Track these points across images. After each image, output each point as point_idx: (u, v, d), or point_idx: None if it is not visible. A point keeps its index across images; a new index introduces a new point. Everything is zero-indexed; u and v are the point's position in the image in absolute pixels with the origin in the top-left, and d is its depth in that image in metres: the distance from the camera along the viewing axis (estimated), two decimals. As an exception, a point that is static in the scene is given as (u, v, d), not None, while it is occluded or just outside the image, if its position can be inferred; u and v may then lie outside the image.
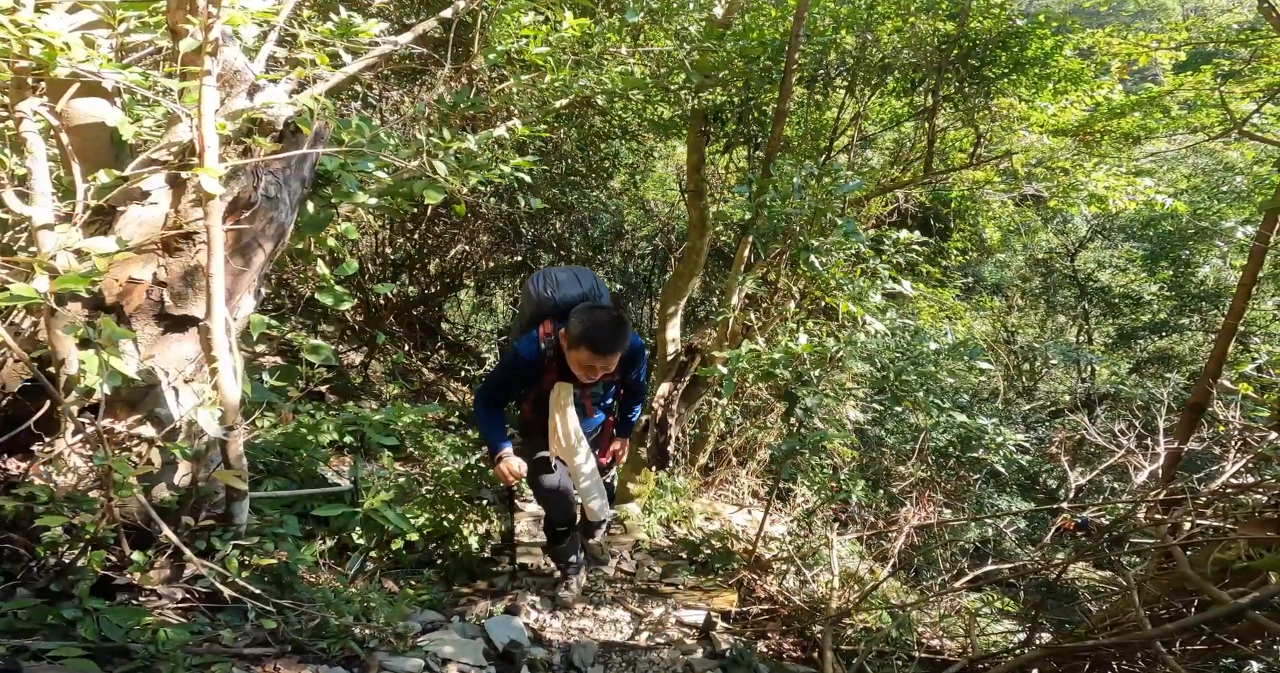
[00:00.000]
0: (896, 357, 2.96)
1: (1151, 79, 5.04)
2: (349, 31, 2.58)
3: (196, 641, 1.82)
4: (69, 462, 1.95)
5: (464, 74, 4.37)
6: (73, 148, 1.68)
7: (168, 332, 1.88)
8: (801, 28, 3.81)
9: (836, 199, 3.35)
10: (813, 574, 3.52)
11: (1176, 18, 5.57)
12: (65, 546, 1.80)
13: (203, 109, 1.47)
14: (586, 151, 6.66)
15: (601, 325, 2.38)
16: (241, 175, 1.80)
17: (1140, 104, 4.11)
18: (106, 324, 1.61)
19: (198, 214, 1.72)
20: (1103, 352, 7.58)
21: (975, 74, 4.18)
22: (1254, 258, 2.58)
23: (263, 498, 2.82)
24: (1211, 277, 6.54)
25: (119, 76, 1.50)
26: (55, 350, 1.70)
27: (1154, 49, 3.95)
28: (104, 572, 1.79)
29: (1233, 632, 2.12)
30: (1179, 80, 4.08)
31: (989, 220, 6.65)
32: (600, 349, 2.36)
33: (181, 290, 1.82)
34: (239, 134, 1.75)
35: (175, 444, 1.94)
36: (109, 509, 1.75)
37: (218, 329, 1.78)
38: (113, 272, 1.73)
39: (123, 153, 1.82)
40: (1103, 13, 4.62)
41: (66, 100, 1.67)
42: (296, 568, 2.34)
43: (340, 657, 2.01)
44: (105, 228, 1.72)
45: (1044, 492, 7.03)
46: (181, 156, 1.73)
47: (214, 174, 1.52)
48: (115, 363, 1.64)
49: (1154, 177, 5.11)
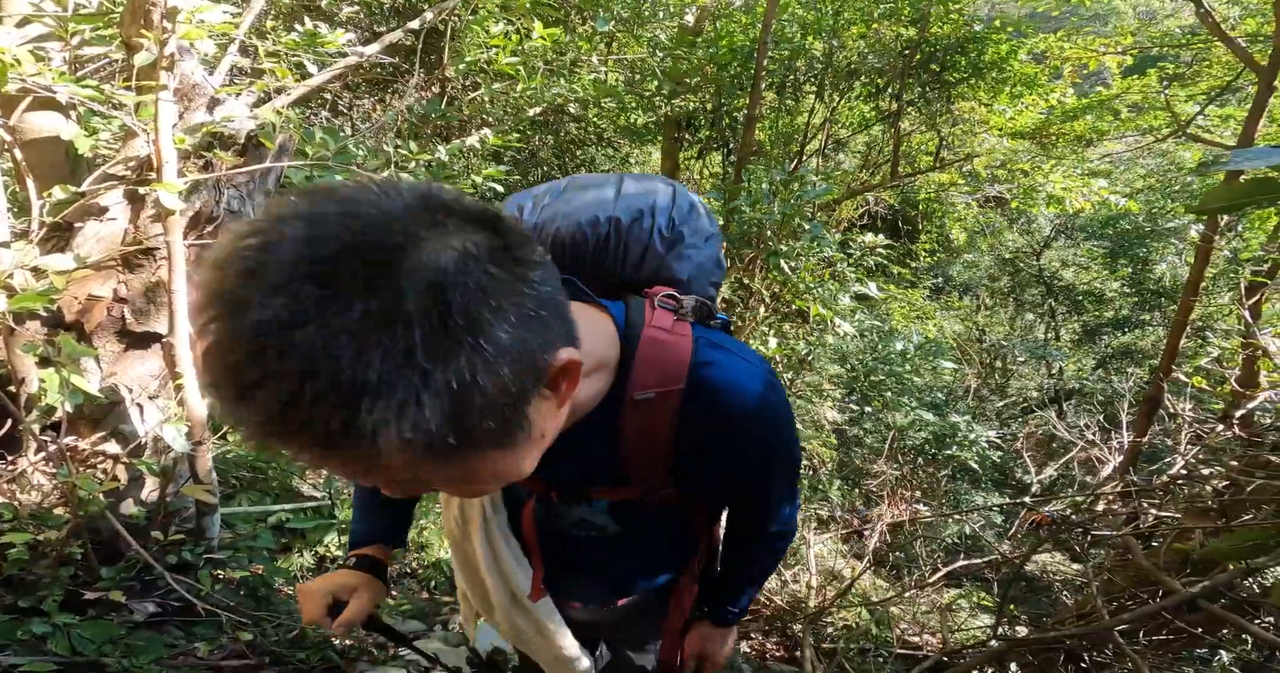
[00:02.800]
0: (866, 358, 3.02)
1: (1103, 83, 5.21)
2: (315, 42, 2.58)
3: (171, 654, 1.80)
4: (32, 480, 1.92)
5: (435, 83, 4.36)
6: (27, 163, 1.66)
7: (130, 348, 1.86)
8: (770, 35, 3.87)
9: (805, 204, 3.41)
10: (792, 574, 3.56)
11: (1130, 21, 5.77)
12: (31, 562, 1.78)
13: (159, 124, 1.46)
14: (563, 159, 6.68)
15: None
16: (203, 190, 1.79)
17: (1091, 107, 4.26)
18: (66, 342, 1.60)
19: (158, 230, 1.71)
20: (1069, 348, 7.79)
21: (936, 78, 4.30)
22: (1200, 257, 2.69)
23: (236, 513, 2.79)
24: (1168, 273, 6.77)
25: (73, 90, 1.49)
26: (14, 369, 1.68)
27: (1102, 53, 4.10)
28: (73, 587, 1.77)
29: (1195, 622, 2.18)
30: (1127, 83, 4.24)
31: (955, 222, 6.81)
32: None
33: (143, 307, 1.81)
34: (199, 148, 1.74)
35: (141, 461, 1.92)
36: (76, 525, 1.73)
37: (182, 345, 1.77)
38: (72, 289, 1.71)
39: (79, 168, 1.80)
40: (1057, 17, 4.79)
41: (19, 115, 1.65)
42: (273, 581, 2.32)
43: (320, 668, 1.99)
44: (63, 245, 1.69)
45: (1017, 487, 7.18)
46: (139, 171, 1.72)
47: (173, 189, 1.51)
48: (76, 380, 1.62)
49: (1109, 177, 5.29)
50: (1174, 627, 2.11)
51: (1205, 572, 2.08)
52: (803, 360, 2.88)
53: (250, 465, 3.29)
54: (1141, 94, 4.15)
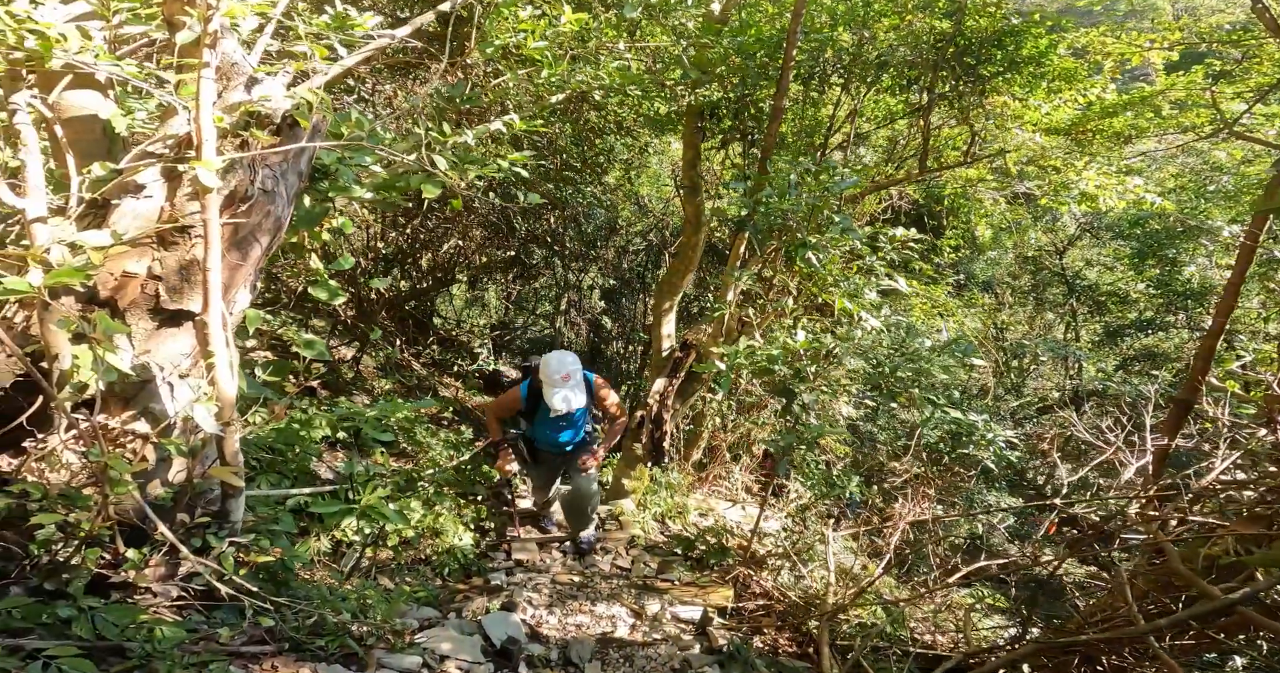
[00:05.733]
0: (891, 353, 2.98)
1: (1143, 78, 5.08)
2: (345, 24, 2.55)
3: (193, 639, 1.80)
4: (62, 458, 1.92)
5: (459, 68, 4.33)
6: (66, 140, 1.65)
7: (163, 326, 1.85)
8: (799, 25, 3.81)
9: (833, 196, 3.36)
10: (808, 570, 3.55)
11: (1168, 17, 5.63)
12: (59, 543, 1.78)
13: (201, 102, 1.44)
14: (581, 147, 6.64)
15: None
16: (239, 169, 1.78)
17: (1132, 103, 4.16)
18: (101, 319, 1.59)
19: (194, 207, 1.70)
20: (1089, 349, 7.69)
21: (970, 72, 4.21)
22: (1242, 257, 2.62)
23: (256, 495, 2.80)
24: (1197, 275, 6.63)
25: (114, 69, 1.47)
26: (48, 345, 1.68)
27: (1147, 49, 4.00)
28: (98, 570, 1.77)
29: (1219, 627, 2.16)
30: (1171, 80, 4.13)
31: (981, 218, 6.71)
32: None
33: (177, 285, 1.80)
34: (236, 127, 1.72)
35: (170, 440, 1.91)
36: (105, 507, 1.72)
37: (214, 324, 1.76)
38: (107, 265, 1.70)
39: (115, 146, 1.79)
40: (1095, 12, 4.66)
41: (59, 92, 1.64)
42: (293, 565, 2.32)
43: (338, 654, 2.00)
44: (99, 221, 1.69)
45: (1031, 487, 7.12)
46: (177, 149, 1.71)
47: (211, 167, 1.50)
48: (110, 358, 1.62)
49: (1142, 175, 5.18)
50: (1197, 631, 2.09)
51: (1228, 577, 2.06)
52: (828, 355, 2.84)
53: (270, 447, 3.30)
54: (1186, 91, 4.04)
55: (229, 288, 1.94)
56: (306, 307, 5.79)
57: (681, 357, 4.40)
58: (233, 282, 1.95)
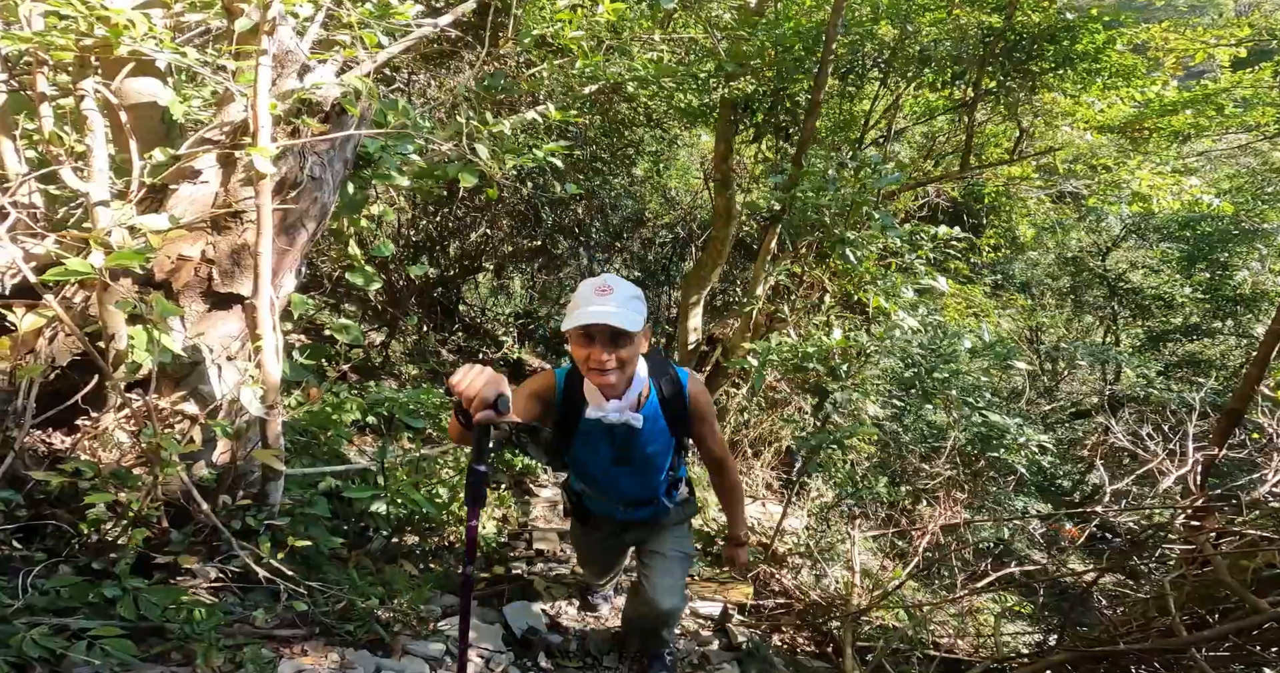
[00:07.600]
0: (928, 353, 2.93)
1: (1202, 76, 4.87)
2: (387, 13, 2.57)
3: (229, 621, 1.82)
4: (114, 437, 1.97)
5: (494, 58, 4.34)
6: (129, 126, 1.69)
7: (213, 309, 1.90)
8: (840, 17, 3.73)
9: (870, 192, 3.31)
10: (830, 570, 3.52)
11: (1229, 13, 5.39)
12: (108, 523, 1.81)
13: (258, 88, 1.47)
14: (611, 138, 6.62)
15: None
16: (289, 156, 1.81)
17: (1195, 101, 3.99)
18: (157, 301, 1.63)
19: (247, 193, 1.73)
20: (1130, 354, 7.46)
21: (1020, 68, 4.08)
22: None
23: (291, 476, 2.84)
24: (1249, 280, 6.37)
25: (175, 57, 1.50)
26: (106, 325, 1.72)
27: (1214, 45, 3.83)
28: (144, 550, 1.79)
29: (1256, 639, 2.10)
30: (1238, 77, 3.95)
31: (1023, 217, 6.52)
32: None
33: (228, 268, 1.84)
34: (288, 114, 1.75)
35: (217, 422, 1.96)
36: (154, 487, 1.77)
37: (263, 308, 1.80)
38: (164, 249, 1.75)
39: (173, 132, 1.83)
40: (1155, 7, 4.48)
41: (122, 79, 1.68)
42: (325, 549, 2.35)
43: (366, 639, 2.01)
44: (158, 206, 1.73)
45: (1060, 492, 6.96)
46: (233, 136, 1.74)
47: (267, 154, 1.52)
48: (164, 339, 1.66)
49: (1197, 175, 4.98)
50: (1233, 644, 2.04)
51: (1267, 590, 2.00)
52: (863, 353, 2.80)
53: (303, 430, 3.34)
54: (1252, 89, 3.87)
55: (276, 272, 1.97)
56: (339, 291, 5.89)
57: (708, 350, 4.38)
58: (280, 266, 1.98)
